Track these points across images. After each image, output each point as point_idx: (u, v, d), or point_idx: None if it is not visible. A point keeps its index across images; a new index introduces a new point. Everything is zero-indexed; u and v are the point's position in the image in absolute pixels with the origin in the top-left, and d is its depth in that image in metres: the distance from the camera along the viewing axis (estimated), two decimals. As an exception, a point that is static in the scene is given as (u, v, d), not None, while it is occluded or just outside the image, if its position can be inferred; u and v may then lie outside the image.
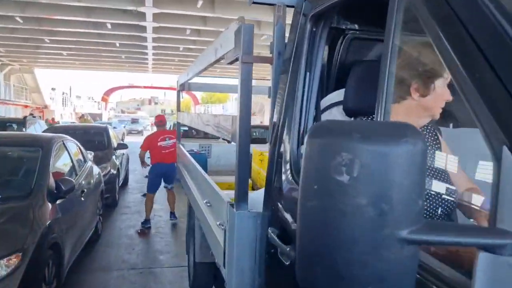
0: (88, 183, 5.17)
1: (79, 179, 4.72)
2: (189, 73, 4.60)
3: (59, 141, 4.60)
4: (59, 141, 4.62)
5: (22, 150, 4.26)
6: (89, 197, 4.95)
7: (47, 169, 3.86)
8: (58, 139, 4.62)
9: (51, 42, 20.09)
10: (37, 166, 3.84)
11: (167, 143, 6.69)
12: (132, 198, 9.00)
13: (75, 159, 4.99)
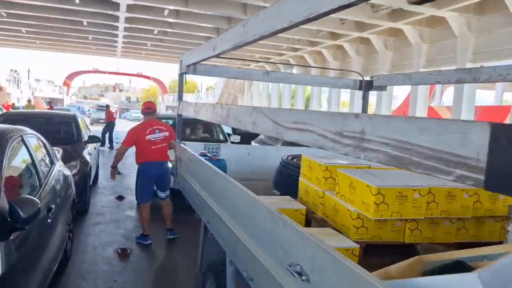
0: (57, 194, 3.77)
1: (45, 193, 3.33)
2: (200, 53, 3.32)
3: (16, 137, 3.19)
4: (16, 136, 3.21)
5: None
6: (58, 215, 3.58)
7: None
8: (13, 133, 3.21)
9: (8, 16, 17.91)
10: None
11: (157, 136, 5.21)
12: (105, 201, 7.56)
13: (39, 161, 3.58)
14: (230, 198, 2.45)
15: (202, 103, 3.30)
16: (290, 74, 4.44)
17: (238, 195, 2.23)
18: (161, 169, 5.23)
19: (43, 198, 3.19)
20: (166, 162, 5.27)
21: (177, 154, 4.11)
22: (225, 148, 4.40)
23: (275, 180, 3.63)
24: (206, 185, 2.99)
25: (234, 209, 2.37)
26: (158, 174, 5.22)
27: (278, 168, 3.67)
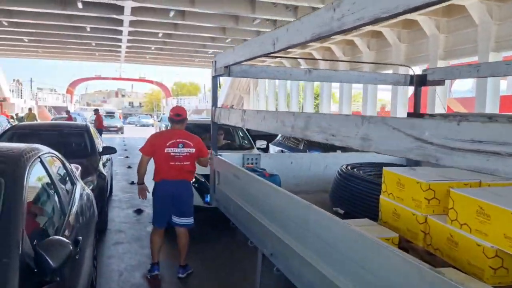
0: (82, 221, 3.28)
1: (70, 225, 2.83)
2: (241, 53, 2.82)
3: (33, 159, 2.69)
4: (34, 158, 2.71)
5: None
6: (85, 246, 3.08)
7: (15, 227, 1.98)
8: (30, 155, 2.71)
9: (10, 25, 17.48)
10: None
11: (179, 151, 4.12)
12: (123, 216, 7.06)
13: (60, 186, 3.08)
14: (307, 227, 1.94)
15: (254, 110, 2.79)
16: (335, 71, 3.93)
17: (319, 222, 1.74)
18: (179, 189, 4.16)
19: (69, 232, 2.70)
20: (186, 182, 4.20)
21: (214, 168, 3.61)
22: (265, 158, 3.89)
23: (334, 195, 3.11)
24: (265, 209, 2.48)
25: (315, 240, 1.86)
26: (173, 195, 4.16)
27: (337, 180, 3.15)
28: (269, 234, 2.37)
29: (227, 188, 3.24)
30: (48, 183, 2.85)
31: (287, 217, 2.16)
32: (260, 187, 2.53)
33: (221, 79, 4.06)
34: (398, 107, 15.92)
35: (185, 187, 4.21)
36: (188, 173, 4.21)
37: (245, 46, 2.75)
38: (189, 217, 4.26)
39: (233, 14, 15.50)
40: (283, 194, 2.18)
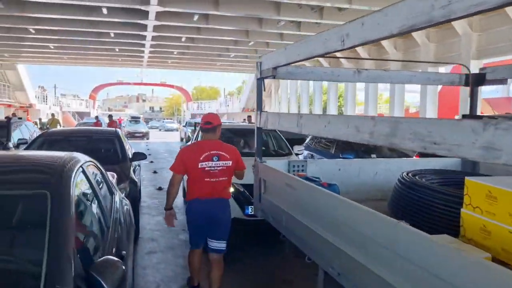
0: (124, 234, 3.10)
1: (114, 238, 2.65)
2: (297, 52, 2.59)
3: (76, 169, 2.52)
4: (76, 167, 2.53)
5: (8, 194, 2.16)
6: (127, 260, 2.90)
7: (66, 247, 1.80)
8: (72, 164, 2.54)
9: (36, 33, 17.74)
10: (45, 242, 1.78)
11: (215, 164, 3.59)
12: (154, 224, 6.90)
13: (102, 197, 2.91)
14: (393, 247, 1.69)
15: (315, 114, 2.55)
16: (385, 71, 3.67)
17: (410, 242, 1.49)
18: (215, 210, 3.66)
19: (114, 246, 2.52)
20: (223, 200, 3.69)
21: (259, 176, 3.38)
22: (312, 164, 3.65)
23: (396, 205, 2.84)
24: (330, 223, 2.24)
25: (403, 262, 1.61)
26: (211, 215, 3.66)
27: (399, 189, 2.88)
28: (336, 251, 2.12)
29: (277, 198, 3.01)
30: (91, 194, 2.68)
31: (363, 234, 1.91)
32: (325, 199, 2.29)
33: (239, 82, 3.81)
34: (428, 108, 15.46)
35: (223, 207, 3.70)
36: (225, 190, 3.70)
37: (302, 44, 2.52)
38: (223, 241, 3.73)
39: (257, 17, 15.32)
40: (362, 210, 1.94)
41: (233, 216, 3.92)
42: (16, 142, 9.37)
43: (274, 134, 7.39)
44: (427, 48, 15.35)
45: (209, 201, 3.63)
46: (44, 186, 2.10)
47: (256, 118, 3.42)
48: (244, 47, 20.72)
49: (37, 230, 1.98)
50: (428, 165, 3.89)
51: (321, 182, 2.96)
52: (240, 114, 39.84)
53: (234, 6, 13.82)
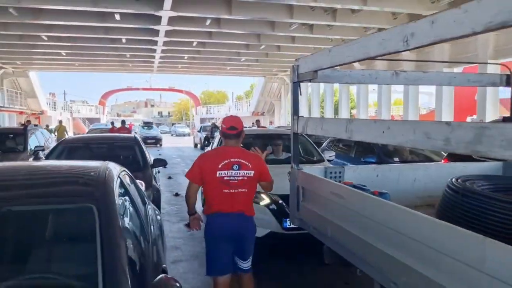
0: (161, 246, 2.99)
1: (155, 250, 2.54)
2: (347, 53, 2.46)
3: (115, 179, 2.41)
4: (115, 178, 2.43)
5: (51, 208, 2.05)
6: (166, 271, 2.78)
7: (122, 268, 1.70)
8: (112, 174, 2.43)
9: (49, 40, 17.80)
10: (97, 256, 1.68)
11: (235, 173, 3.19)
12: (176, 231, 6.79)
13: (140, 207, 2.81)
14: (479, 265, 1.55)
15: (370, 120, 2.42)
16: (424, 73, 3.53)
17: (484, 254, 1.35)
18: (238, 225, 3.22)
19: (156, 259, 2.41)
20: (246, 217, 3.26)
21: (297, 183, 3.25)
22: (349, 170, 3.52)
23: (448, 213, 2.70)
24: (390, 235, 2.10)
25: (479, 277, 1.47)
26: (232, 232, 3.21)
27: (449, 196, 2.74)
28: (401, 266, 1.99)
29: (320, 207, 2.88)
30: (130, 205, 2.57)
31: (438, 250, 1.77)
32: (383, 209, 2.16)
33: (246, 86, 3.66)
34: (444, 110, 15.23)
35: (246, 223, 3.27)
36: (247, 204, 3.27)
37: (353, 46, 2.39)
38: (250, 260, 3.32)
39: (270, 20, 15.23)
40: (437, 225, 1.80)
41: (269, 230, 3.77)
42: (33, 149, 9.35)
43: (302, 139, 6.91)
44: (442, 49, 15.13)
45: (230, 215, 3.19)
46: (89, 200, 2.00)
47: (293, 123, 3.29)
48: (255, 50, 20.64)
49: (86, 244, 1.89)
50: (467, 170, 3.74)
51: (373, 191, 2.82)
52: (249, 117, 39.71)
53: (247, 10, 13.74)
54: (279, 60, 24.14)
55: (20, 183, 2.21)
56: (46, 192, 2.10)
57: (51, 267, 1.93)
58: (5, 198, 2.04)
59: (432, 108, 36.18)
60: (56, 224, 2.03)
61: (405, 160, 7.85)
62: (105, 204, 1.98)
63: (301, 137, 6.76)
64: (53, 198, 2.05)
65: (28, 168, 2.66)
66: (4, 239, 1.99)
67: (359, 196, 2.40)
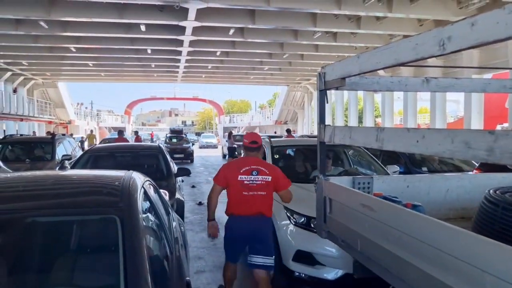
0: (184, 257, 2.94)
1: (180, 264, 2.48)
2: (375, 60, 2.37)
3: (139, 189, 2.37)
4: (139, 188, 2.39)
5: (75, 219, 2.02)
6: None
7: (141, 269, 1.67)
8: (135, 184, 2.39)
9: (77, 51, 18.28)
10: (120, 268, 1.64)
11: (254, 178, 3.69)
12: (199, 241, 6.73)
13: (164, 218, 2.76)
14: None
15: (402, 128, 2.30)
16: (456, 79, 3.38)
17: None
18: (255, 225, 3.69)
19: (181, 272, 2.34)
20: (263, 217, 3.72)
21: (324, 194, 3.14)
22: (378, 181, 3.39)
23: (486, 227, 2.54)
24: (420, 249, 1.97)
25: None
26: (249, 232, 3.69)
27: (487, 209, 2.58)
28: (437, 284, 1.86)
29: (349, 220, 2.76)
30: (154, 215, 2.52)
31: (475, 266, 1.65)
32: (416, 223, 2.04)
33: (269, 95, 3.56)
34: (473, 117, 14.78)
35: (261, 223, 3.73)
36: (264, 206, 3.73)
37: (383, 52, 2.29)
38: (268, 257, 3.69)
39: (293, 29, 15.20)
40: (478, 240, 1.68)
41: (343, 272, 3.61)
42: (61, 158, 9.52)
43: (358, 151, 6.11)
44: (470, 55, 14.72)
45: (247, 218, 3.69)
46: (112, 211, 1.95)
47: (319, 132, 3.20)
48: (278, 59, 20.63)
49: (109, 255, 1.85)
50: (505, 181, 3.56)
51: (406, 203, 2.69)
52: (272, 126, 39.70)
53: (270, 19, 13.75)
54: (302, 68, 24.07)
55: (44, 193, 2.20)
56: (69, 203, 2.07)
57: (74, 278, 1.89)
58: (29, 208, 2.03)
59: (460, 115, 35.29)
60: (79, 235, 1.99)
61: (434, 170, 7.60)
62: (129, 215, 1.93)
63: (357, 149, 5.98)
64: (76, 209, 2.02)
65: (52, 177, 2.65)
66: (28, 249, 1.96)
67: (391, 209, 2.29)
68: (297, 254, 4.13)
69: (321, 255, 3.99)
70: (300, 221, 4.21)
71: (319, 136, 3.20)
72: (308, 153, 5.79)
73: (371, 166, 5.85)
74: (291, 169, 5.63)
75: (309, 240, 4.03)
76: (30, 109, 27.41)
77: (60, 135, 11.81)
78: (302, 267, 4.09)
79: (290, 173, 5.47)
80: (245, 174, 3.70)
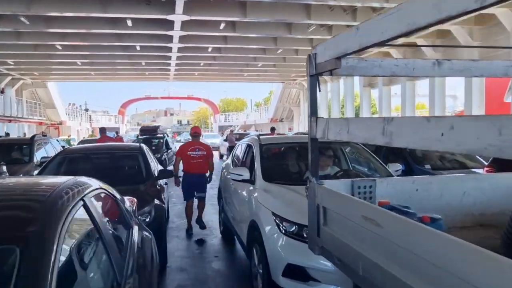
0: (144, 278, 2.36)
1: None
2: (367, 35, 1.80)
3: (72, 206, 1.78)
4: (73, 204, 1.80)
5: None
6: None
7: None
8: (70, 200, 1.81)
9: (64, 49, 17.64)
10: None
11: (196, 153, 6.88)
12: (183, 249, 6.15)
13: (112, 237, 2.17)
14: None
15: (418, 117, 1.74)
16: (474, 62, 2.81)
17: None
18: (196, 178, 6.91)
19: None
20: (200, 173, 6.96)
21: (317, 202, 2.58)
22: (381, 184, 2.83)
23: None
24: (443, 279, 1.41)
25: None
26: (193, 181, 6.92)
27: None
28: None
29: (346, 234, 2.20)
30: (94, 238, 1.94)
31: None
32: (437, 245, 1.48)
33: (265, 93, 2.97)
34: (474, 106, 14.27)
35: (201, 177, 6.94)
36: (202, 168, 6.95)
37: (391, 16, 1.72)
38: (203, 193, 7.01)
39: (286, 22, 14.62)
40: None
41: None
42: (39, 161, 8.92)
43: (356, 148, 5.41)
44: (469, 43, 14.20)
45: (193, 174, 6.87)
46: (14, 239, 1.38)
47: (310, 126, 2.63)
48: (272, 55, 20.04)
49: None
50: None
51: (422, 216, 2.12)
52: (268, 124, 39.06)
53: (262, 12, 13.17)
54: (297, 64, 23.49)
55: None
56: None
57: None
58: None
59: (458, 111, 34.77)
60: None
61: (438, 167, 7.04)
62: (36, 245, 1.36)
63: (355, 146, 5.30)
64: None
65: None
66: None
67: (402, 225, 1.72)
68: (288, 268, 3.55)
69: (315, 270, 3.42)
70: (291, 230, 3.63)
71: (310, 132, 2.64)
72: (301, 152, 5.18)
73: (370, 165, 5.13)
74: (282, 169, 5.06)
75: (302, 252, 3.42)
76: (18, 110, 26.70)
77: (40, 136, 11.17)
78: (293, 283, 3.52)
79: (281, 174, 4.96)
80: (192, 151, 6.89)
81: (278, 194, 4.14)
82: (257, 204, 4.18)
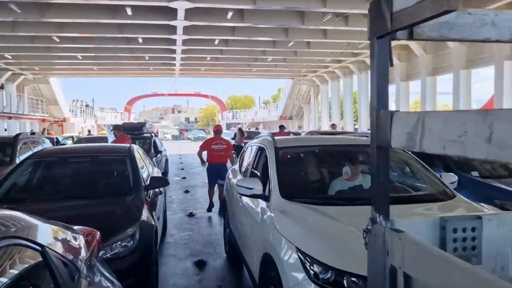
0: None
1: None
2: None
3: None
4: None
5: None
6: None
7: None
8: None
9: (62, 41, 16.61)
10: None
11: (218, 147, 8.38)
12: (180, 272, 5.00)
13: None
14: None
15: None
16: None
17: None
18: (217, 167, 8.22)
19: None
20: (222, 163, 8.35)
21: (390, 262, 1.43)
22: (490, 223, 1.67)
23: None
24: None
25: None
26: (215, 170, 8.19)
27: None
28: None
29: None
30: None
31: None
32: None
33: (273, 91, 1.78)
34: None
35: (222, 167, 8.16)
36: (223, 159, 8.39)
37: None
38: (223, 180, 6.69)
39: (299, 10, 13.42)
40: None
41: None
42: (22, 162, 7.86)
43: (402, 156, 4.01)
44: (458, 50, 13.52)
45: (215, 164, 8.31)
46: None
47: (376, 127, 1.48)
48: (282, 48, 18.82)
49: None
50: None
51: None
52: (277, 122, 37.87)
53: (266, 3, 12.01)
54: (308, 59, 22.29)
55: None
56: None
57: None
58: None
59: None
60: None
61: (487, 175, 5.84)
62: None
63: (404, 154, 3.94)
64: None
65: None
66: None
67: None
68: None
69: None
70: (325, 277, 2.48)
71: (377, 135, 1.50)
72: (331, 158, 4.01)
73: (417, 176, 3.94)
74: (307, 181, 3.88)
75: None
76: (20, 107, 25.79)
77: (27, 134, 10.12)
78: None
79: (305, 188, 3.70)
80: (215, 145, 8.45)
81: (304, 219, 2.98)
82: (273, 232, 3.02)
